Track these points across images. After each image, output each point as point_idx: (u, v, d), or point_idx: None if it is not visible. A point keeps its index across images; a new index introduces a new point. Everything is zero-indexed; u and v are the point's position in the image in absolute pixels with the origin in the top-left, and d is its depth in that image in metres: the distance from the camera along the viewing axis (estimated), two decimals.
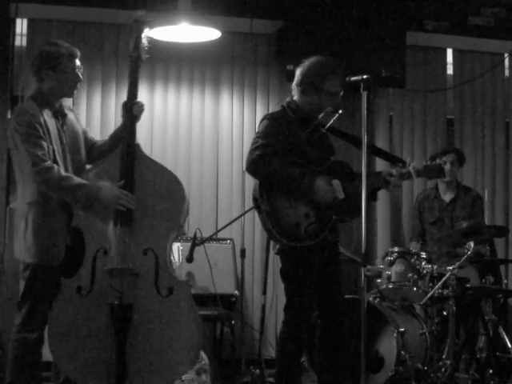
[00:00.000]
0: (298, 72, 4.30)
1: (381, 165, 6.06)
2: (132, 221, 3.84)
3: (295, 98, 4.30)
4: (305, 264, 4.17)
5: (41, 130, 3.78)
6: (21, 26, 6.03)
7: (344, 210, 4.21)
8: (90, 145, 4.15)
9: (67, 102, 4.25)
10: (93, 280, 3.80)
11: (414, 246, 6.04)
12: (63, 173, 3.80)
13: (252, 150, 4.18)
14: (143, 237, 3.86)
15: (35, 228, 3.82)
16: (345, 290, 4.45)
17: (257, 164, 4.13)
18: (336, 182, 4.19)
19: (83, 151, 4.06)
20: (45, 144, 3.78)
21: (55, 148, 3.84)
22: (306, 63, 4.28)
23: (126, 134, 3.97)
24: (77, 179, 3.82)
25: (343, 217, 4.24)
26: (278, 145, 4.17)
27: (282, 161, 4.16)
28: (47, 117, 3.86)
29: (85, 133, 4.15)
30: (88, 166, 4.09)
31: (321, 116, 4.23)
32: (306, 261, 4.17)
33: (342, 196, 4.19)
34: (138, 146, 3.96)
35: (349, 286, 5.78)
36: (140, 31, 4.04)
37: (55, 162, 3.81)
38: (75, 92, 4.02)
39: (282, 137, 4.19)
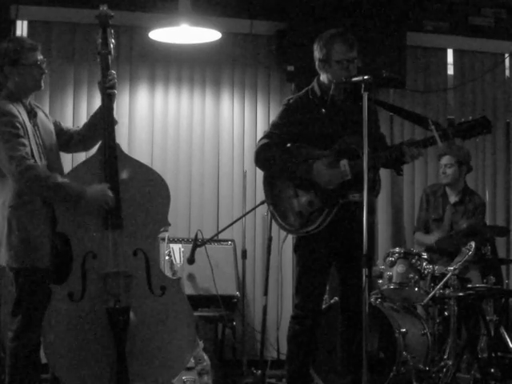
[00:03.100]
0: (314, 50, 4.26)
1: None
2: (122, 223, 3.81)
3: (320, 77, 4.28)
4: (313, 251, 4.17)
5: (22, 129, 3.73)
6: (21, 27, 6.02)
7: (353, 191, 4.09)
8: (68, 134, 4.09)
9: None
10: (84, 285, 3.76)
11: (419, 236, 6.04)
12: (47, 171, 3.75)
13: (259, 141, 4.31)
14: (132, 238, 3.83)
15: (20, 233, 3.75)
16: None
17: (259, 154, 4.24)
18: (343, 162, 4.09)
19: (56, 148, 3.99)
20: (26, 143, 3.72)
21: (33, 148, 3.78)
22: (316, 39, 4.26)
23: (104, 115, 3.92)
24: (61, 177, 3.77)
25: (352, 199, 4.10)
26: (290, 131, 4.19)
27: (287, 148, 4.19)
28: (24, 116, 3.81)
29: (58, 125, 4.08)
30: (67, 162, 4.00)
31: (332, 89, 4.19)
32: (316, 247, 4.17)
33: (348, 177, 4.07)
34: (118, 146, 3.91)
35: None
36: (105, 27, 3.96)
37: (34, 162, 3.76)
38: (42, 84, 3.93)
39: (297, 121, 4.20)
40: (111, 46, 3.98)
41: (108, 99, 3.97)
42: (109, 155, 3.86)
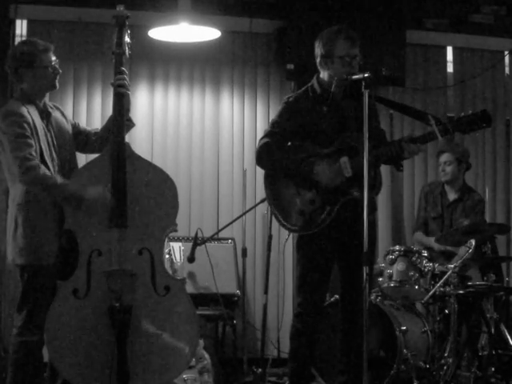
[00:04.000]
0: (315, 47, 4.25)
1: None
2: (127, 222, 3.82)
3: (321, 74, 4.27)
4: (315, 249, 4.17)
5: (29, 129, 3.77)
6: (20, 26, 6.03)
7: (353, 188, 4.09)
8: (86, 135, 4.12)
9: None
10: (89, 282, 3.78)
11: (419, 236, 6.04)
12: (48, 172, 3.77)
13: (260, 140, 4.30)
14: (138, 237, 3.84)
15: (25, 230, 3.79)
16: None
17: (260, 154, 4.23)
18: (343, 160, 4.08)
19: (71, 147, 4.03)
20: (32, 143, 3.75)
21: (43, 147, 3.82)
22: (318, 36, 4.25)
23: (114, 122, 3.93)
24: (61, 179, 3.79)
25: (353, 196, 4.10)
26: (290, 129, 4.19)
27: (288, 147, 4.20)
28: (34, 117, 3.84)
29: (77, 126, 4.12)
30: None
31: (334, 86, 4.17)
32: (318, 245, 4.17)
33: (348, 174, 4.07)
34: (128, 145, 3.94)
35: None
36: (121, 27, 4.00)
37: (43, 161, 3.79)
38: (57, 84, 3.98)
39: (297, 119, 4.19)
40: (126, 46, 4.01)
41: (117, 98, 3.96)
42: (117, 154, 3.87)
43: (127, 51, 4.03)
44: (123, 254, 3.80)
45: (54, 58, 3.94)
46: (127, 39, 4.02)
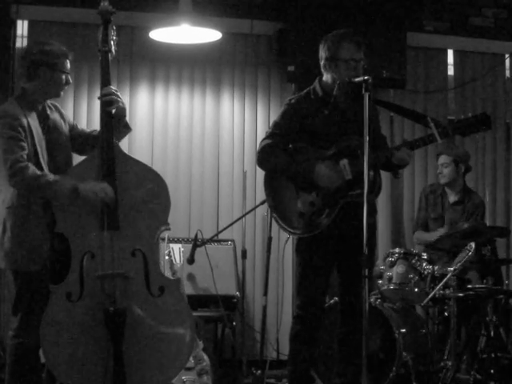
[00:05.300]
0: (319, 50, 4.26)
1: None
2: (118, 224, 3.78)
3: (324, 77, 4.27)
4: (315, 251, 4.17)
5: (23, 132, 3.70)
6: (21, 27, 6.03)
7: (353, 191, 4.08)
8: (84, 137, 4.06)
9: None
10: (82, 285, 3.74)
11: (419, 234, 6.03)
12: (38, 172, 3.70)
13: (261, 141, 4.29)
14: (130, 238, 3.81)
15: (13, 234, 3.74)
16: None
17: (261, 155, 4.23)
18: (343, 162, 4.09)
19: (66, 149, 3.97)
20: (25, 146, 3.69)
21: (39, 150, 3.76)
22: (323, 38, 4.26)
23: (102, 128, 3.86)
24: (52, 176, 3.72)
25: (353, 199, 4.09)
26: (292, 131, 4.19)
27: (289, 149, 4.19)
28: (31, 119, 3.77)
29: (75, 128, 4.06)
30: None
31: (336, 89, 4.17)
32: (317, 248, 4.16)
33: (348, 177, 4.07)
34: (117, 145, 3.87)
35: None
36: (106, 23, 3.91)
37: (38, 164, 3.73)
38: (62, 94, 3.93)
39: (299, 121, 4.19)
40: (112, 43, 3.92)
41: (104, 116, 3.88)
42: (106, 155, 3.82)
43: (113, 48, 3.94)
44: (116, 256, 3.76)
45: (69, 67, 3.89)
46: (113, 36, 3.93)
